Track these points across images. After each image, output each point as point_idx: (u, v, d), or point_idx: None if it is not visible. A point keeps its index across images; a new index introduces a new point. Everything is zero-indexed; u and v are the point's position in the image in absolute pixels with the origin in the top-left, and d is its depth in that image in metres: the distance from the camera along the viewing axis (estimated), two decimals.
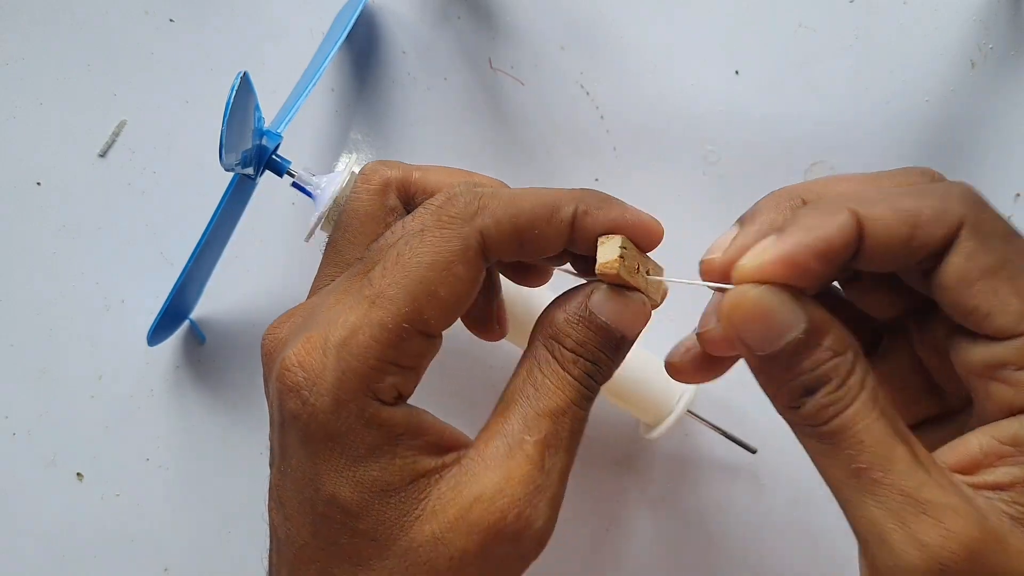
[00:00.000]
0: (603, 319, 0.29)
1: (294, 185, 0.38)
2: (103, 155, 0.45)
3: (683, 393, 0.41)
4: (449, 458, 0.28)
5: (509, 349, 0.40)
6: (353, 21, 0.41)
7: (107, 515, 0.44)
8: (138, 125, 0.45)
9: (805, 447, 0.27)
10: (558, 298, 0.30)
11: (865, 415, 0.25)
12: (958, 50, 0.44)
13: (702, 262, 0.28)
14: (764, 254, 0.26)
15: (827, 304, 0.28)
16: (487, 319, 0.35)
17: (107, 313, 0.44)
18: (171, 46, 0.45)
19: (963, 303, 0.26)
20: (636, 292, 0.29)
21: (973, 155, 0.44)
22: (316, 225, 0.37)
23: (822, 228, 0.25)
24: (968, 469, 0.26)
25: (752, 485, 0.44)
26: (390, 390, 0.28)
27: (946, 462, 0.26)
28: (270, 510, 0.30)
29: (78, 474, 0.44)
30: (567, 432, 0.28)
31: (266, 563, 0.31)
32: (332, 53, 0.39)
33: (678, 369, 0.31)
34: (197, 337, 0.44)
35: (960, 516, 0.24)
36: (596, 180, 0.44)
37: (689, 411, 0.41)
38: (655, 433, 0.41)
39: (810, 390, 0.26)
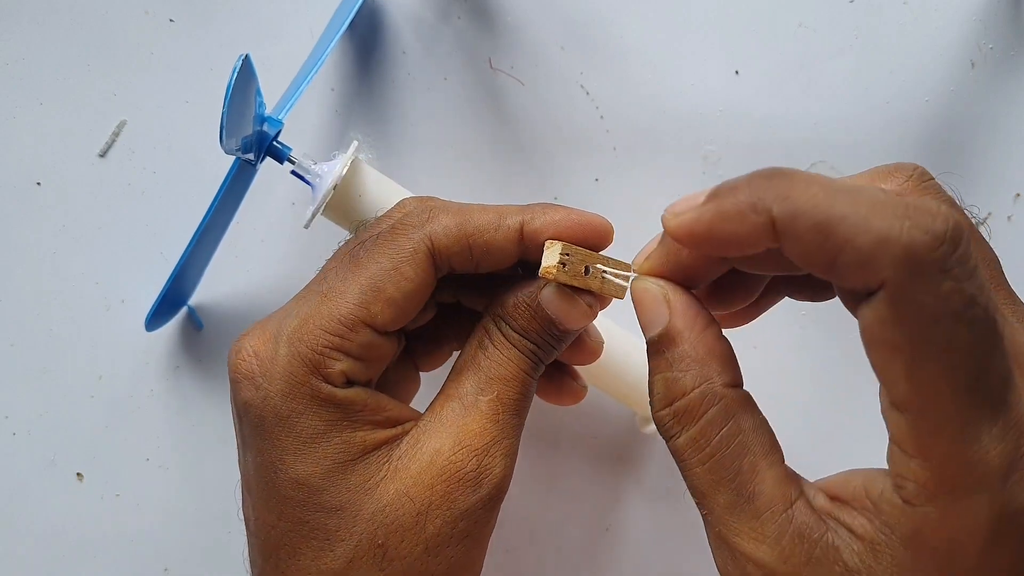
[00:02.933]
0: (549, 313, 0.31)
1: (293, 173, 0.38)
2: (103, 155, 0.45)
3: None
4: (407, 425, 0.31)
5: None
6: (356, 9, 0.41)
7: (107, 515, 0.44)
8: (138, 125, 0.45)
9: None
10: (512, 285, 0.32)
11: (693, 451, 0.27)
12: (958, 50, 0.44)
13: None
14: (684, 213, 0.26)
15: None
16: (561, 387, 0.36)
17: (107, 313, 0.44)
18: (171, 46, 0.45)
19: (866, 351, 0.24)
20: (586, 293, 0.31)
21: (973, 155, 0.44)
22: (315, 212, 0.37)
23: (735, 227, 0.25)
24: (841, 500, 0.26)
25: None
26: (339, 376, 0.29)
27: (830, 486, 0.27)
28: (243, 505, 0.32)
29: (78, 474, 0.44)
30: (517, 395, 0.31)
31: (247, 563, 0.32)
32: (335, 40, 0.39)
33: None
34: (195, 323, 0.44)
35: (761, 571, 0.26)
36: (596, 180, 0.44)
37: None
38: (651, 428, 0.41)
39: (651, 391, 0.28)
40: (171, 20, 0.45)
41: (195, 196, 0.44)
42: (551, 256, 0.30)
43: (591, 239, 0.31)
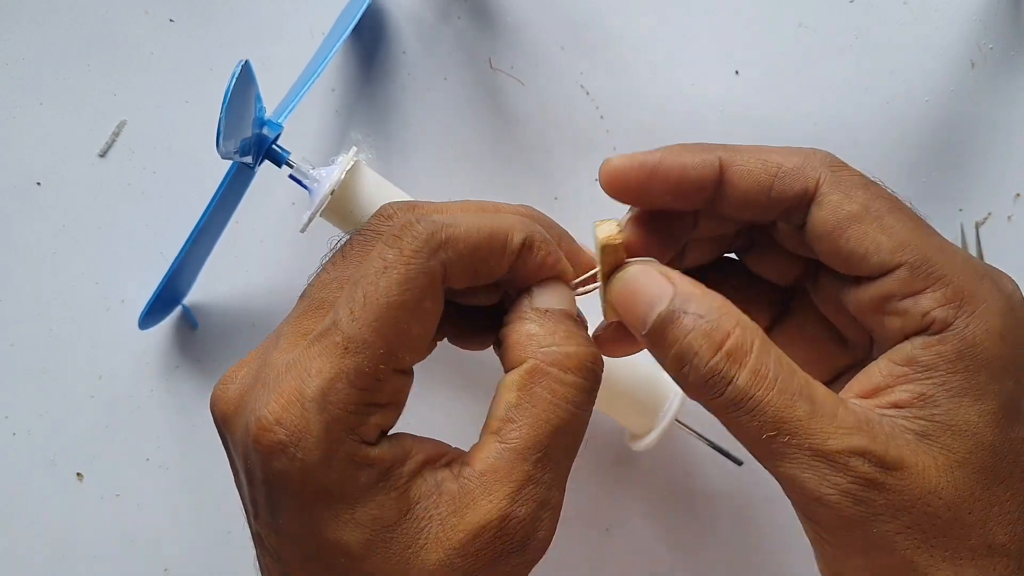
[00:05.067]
0: (591, 350, 0.29)
1: (291, 177, 0.38)
2: (103, 155, 0.45)
3: (671, 402, 0.40)
4: (441, 476, 0.28)
5: None
6: (360, 14, 0.41)
7: (107, 515, 0.44)
8: (138, 125, 0.45)
9: (716, 417, 0.28)
10: (516, 315, 0.30)
11: (757, 382, 0.27)
12: (958, 50, 0.44)
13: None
14: (633, 159, 0.30)
15: (731, 275, 0.33)
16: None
17: (107, 313, 0.44)
18: (171, 46, 0.45)
19: (839, 251, 0.28)
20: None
21: (973, 155, 0.44)
22: (312, 216, 0.37)
23: (687, 157, 0.29)
24: (872, 394, 0.28)
25: (751, 487, 0.44)
26: (374, 430, 0.27)
27: (854, 392, 0.28)
28: (262, 559, 0.30)
29: (78, 474, 0.44)
30: (570, 442, 0.29)
31: None
32: (337, 45, 0.39)
33: (601, 342, 0.32)
34: (190, 322, 0.44)
35: (864, 457, 0.26)
36: (596, 180, 0.44)
37: (678, 420, 0.40)
38: (642, 445, 0.40)
39: (685, 359, 0.27)
40: (171, 20, 0.45)
41: (195, 196, 0.44)
42: (606, 228, 0.30)
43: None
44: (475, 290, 0.31)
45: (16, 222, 0.44)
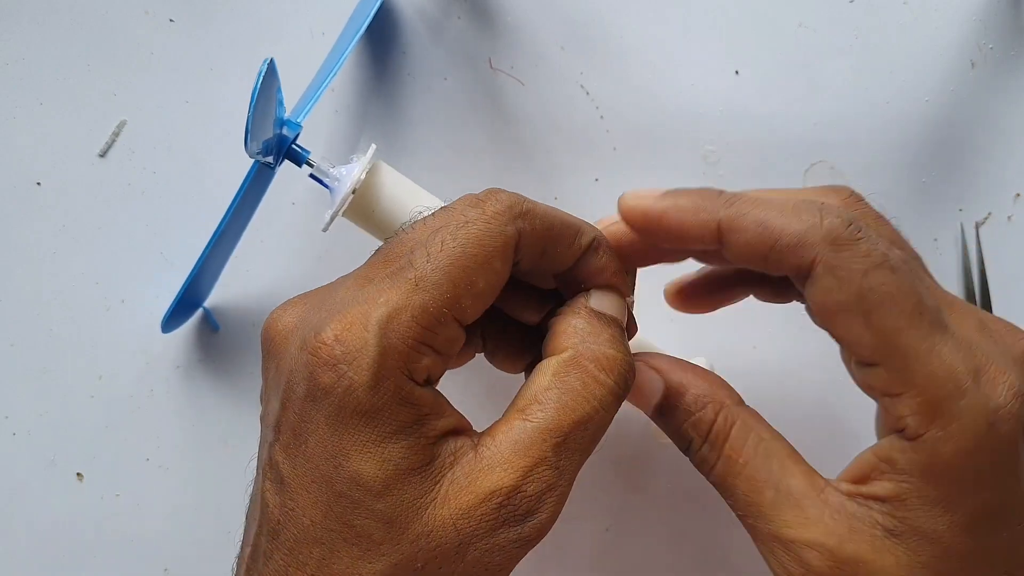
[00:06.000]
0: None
1: (311, 176, 0.38)
2: (103, 155, 0.45)
3: None
4: (462, 442, 0.29)
5: None
6: (374, 11, 0.41)
7: (107, 515, 0.44)
8: (138, 125, 0.45)
9: None
10: (570, 308, 0.31)
11: (729, 468, 0.30)
12: (958, 50, 0.44)
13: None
14: (640, 202, 0.32)
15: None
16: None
17: (107, 313, 0.44)
18: (171, 46, 0.45)
19: (828, 329, 0.29)
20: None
21: (973, 155, 0.44)
22: (334, 216, 0.37)
23: (686, 216, 0.31)
24: (861, 481, 0.29)
25: None
26: (424, 371, 0.28)
27: (848, 475, 0.29)
28: (262, 491, 0.29)
29: (78, 474, 0.44)
30: (590, 438, 0.29)
31: (240, 547, 0.31)
32: (352, 43, 0.39)
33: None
34: (211, 325, 0.44)
35: (815, 550, 0.28)
36: (596, 180, 0.44)
37: None
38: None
39: (684, 445, 0.31)
40: (171, 20, 0.45)
41: (195, 196, 0.44)
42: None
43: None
44: (538, 276, 0.32)
45: (16, 222, 0.44)
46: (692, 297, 0.37)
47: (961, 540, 0.27)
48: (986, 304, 0.44)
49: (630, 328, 0.33)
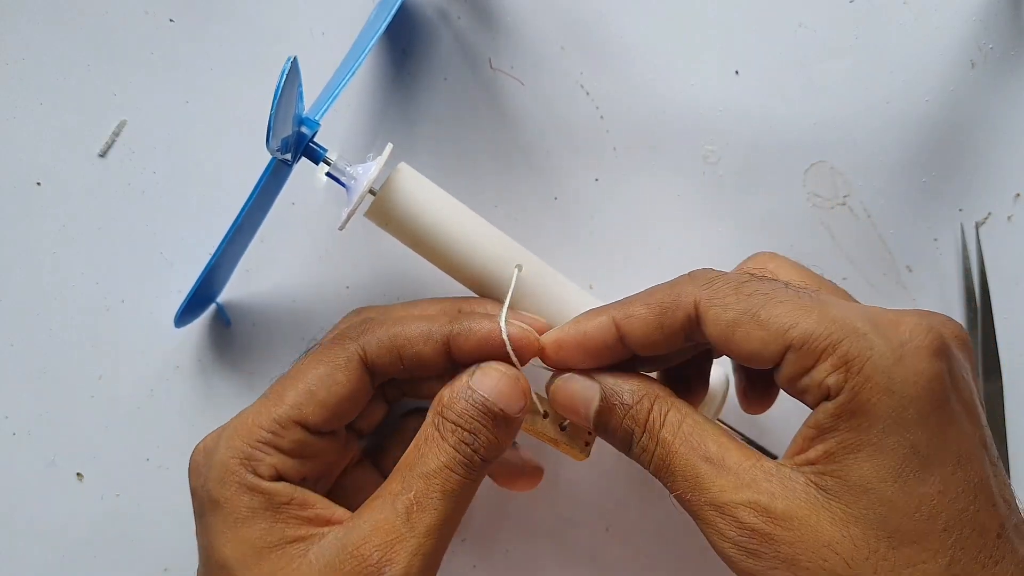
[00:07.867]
0: (482, 394, 0.33)
1: (328, 175, 0.38)
2: (103, 155, 0.45)
3: (711, 402, 0.40)
4: (336, 525, 0.33)
5: None
6: (395, 10, 0.40)
7: (107, 515, 0.44)
8: (138, 125, 0.45)
9: None
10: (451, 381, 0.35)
11: (666, 450, 0.31)
12: (958, 50, 0.44)
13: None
14: (547, 338, 0.34)
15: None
16: (515, 474, 0.40)
17: (107, 313, 0.44)
18: (171, 46, 0.45)
19: (738, 355, 0.31)
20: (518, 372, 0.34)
21: (973, 155, 0.44)
22: (351, 214, 0.36)
23: (585, 325, 0.33)
24: (796, 454, 0.30)
25: None
26: (268, 468, 0.33)
27: (786, 455, 0.31)
28: None
29: (78, 474, 0.44)
30: (438, 492, 0.32)
31: None
32: (374, 40, 0.39)
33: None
34: (223, 320, 0.44)
35: (749, 508, 0.29)
36: (596, 180, 0.44)
37: (719, 420, 0.41)
38: None
39: (626, 441, 0.33)
40: (171, 20, 0.45)
41: (195, 196, 0.44)
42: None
43: (519, 354, 0.34)
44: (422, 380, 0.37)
45: (16, 222, 0.44)
46: (748, 402, 0.39)
47: (892, 488, 0.28)
48: (986, 304, 0.44)
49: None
